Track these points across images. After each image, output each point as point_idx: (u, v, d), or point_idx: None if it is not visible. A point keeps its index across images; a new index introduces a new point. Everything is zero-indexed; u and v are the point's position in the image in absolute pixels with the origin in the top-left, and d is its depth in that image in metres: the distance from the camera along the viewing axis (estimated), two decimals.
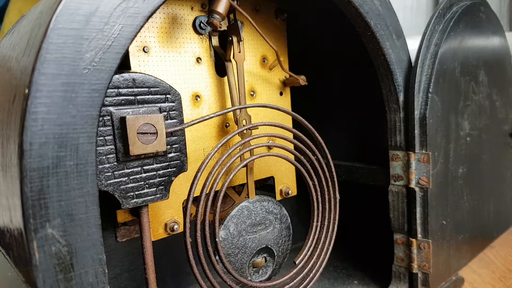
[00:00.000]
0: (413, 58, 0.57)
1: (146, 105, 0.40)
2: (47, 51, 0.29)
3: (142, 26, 0.33)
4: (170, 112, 0.42)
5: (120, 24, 0.32)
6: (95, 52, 0.31)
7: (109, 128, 0.38)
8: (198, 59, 0.50)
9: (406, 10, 1.13)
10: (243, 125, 0.51)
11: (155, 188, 0.42)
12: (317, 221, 0.52)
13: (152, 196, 0.41)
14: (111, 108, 0.38)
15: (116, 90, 0.38)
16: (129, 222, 0.55)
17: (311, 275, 0.51)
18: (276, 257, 0.53)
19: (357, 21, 0.52)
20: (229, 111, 0.46)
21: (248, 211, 0.50)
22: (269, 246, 0.52)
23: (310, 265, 0.51)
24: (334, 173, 0.53)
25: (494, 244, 0.80)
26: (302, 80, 0.58)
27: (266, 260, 0.53)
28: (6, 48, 0.41)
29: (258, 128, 0.49)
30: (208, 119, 0.43)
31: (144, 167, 0.41)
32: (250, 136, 0.49)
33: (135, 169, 0.40)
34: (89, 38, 0.31)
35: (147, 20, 0.34)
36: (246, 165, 0.51)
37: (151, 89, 0.41)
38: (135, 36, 0.33)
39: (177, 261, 0.64)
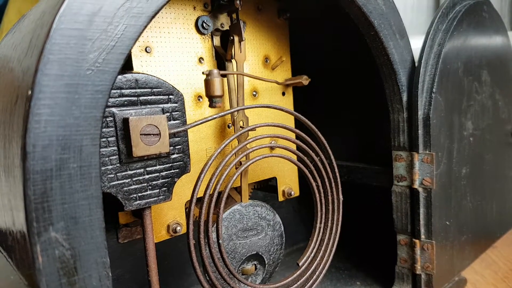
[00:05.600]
0: (415, 58, 0.56)
1: (149, 106, 0.40)
2: (50, 51, 0.29)
3: (145, 26, 0.33)
4: (173, 113, 0.42)
5: (123, 24, 0.32)
6: (98, 53, 0.31)
7: (111, 129, 0.37)
8: (201, 59, 0.50)
9: (407, 9, 1.13)
10: (240, 127, 0.51)
11: (158, 190, 0.41)
12: (321, 223, 0.52)
13: (155, 198, 0.41)
14: (113, 109, 0.37)
15: (118, 91, 0.38)
16: (131, 223, 0.55)
17: (314, 276, 0.51)
18: (266, 265, 0.52)
19: (360, 21, 0.51)
20: (233, 112, 0.45)
21: (240, 215, 0.49)
22: (260, 253, 0.51)
23: (313, 266, 0.51)
24: (337, 174, 0.52)
25: (496, 244, 0.80)
26: (304, 80, 0.57)
27: (256, 268, 0.51)
28: (7, 48, 0.40)
29: (255, 130, 0.48)
30: (211, 119, 0.43)
31: (147, 169, 0.40)
32: (247, 138, 0.48)
33: (138, 171, 0.39)
34: (93, 38, 0.30)
35: (150, 20, 0.33)
36: (246, 168, 0.50)
37: (154, 89, 0.40)
38: (139, 36, 0.33)
39: (178, 262, 0.64)
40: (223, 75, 0.47)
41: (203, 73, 0.45)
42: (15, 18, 1.19)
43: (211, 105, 0.44)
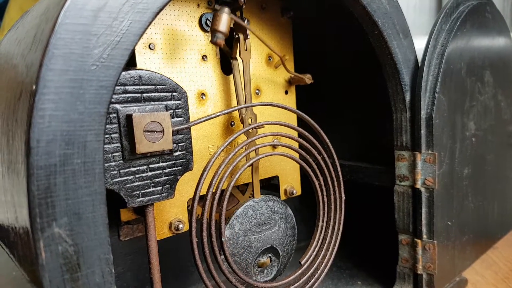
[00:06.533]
0: (419, 58, 0.56)
1: (152, 102, 0.40)
2: (55, 46, 0.29)
3: (150, 22, 0.33)
4: (177, 110, 0.41)
5: (128, 19, 0.32)
6: (103, 48, 0.30)
7: (115, 125, 0.37)
8: (204, 57, 0.50)
9: (409, 9, 1.13)
10: (249, 124, 0.51)
11: (161, 187, 0.41)
12: (323, 221, 0.52)
13: (158, 195, 0.41)
14: (117, 106, 0.37)
15: (122, 87, 0.38)
16: (132, 221, 0.55)
17: (316, 275, 0.51)
18: (281, 257, 0.53)
19: (364, 20, 0.51)
20: (236, 109, 0.45)
21: (253, 211, 0.50)
22: (274, 246, 0.52)
23: (315, 265, 0.51)
24: (339, 173, 0.52)
25: (497, 245, 0.80)
26: (307, 79, 0.57)
27: (271, 260, 0.52)
28: (11, 44, 0.40)
29: (264, 127, 0.48)
30: (214, 117, 0.43)
31: (150, 166, 0.40)
32: (255, 135, 0.48)
33: (141, 168, 0.39)
34: (98, 33, 0.30)
35: (155, 16, 0.33)
36: (251, 164, 0.50)
37: (158, 86, 0.40)
38: (144, 32, 0.32)
39: (179, 260, 0.64)
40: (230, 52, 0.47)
41: (214, 8, 0.46)
42: (17, 15, 1.19)
43: (212, 40, 0.43)
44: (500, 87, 0.70)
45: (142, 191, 0.40)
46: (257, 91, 0.56)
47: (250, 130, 0.49)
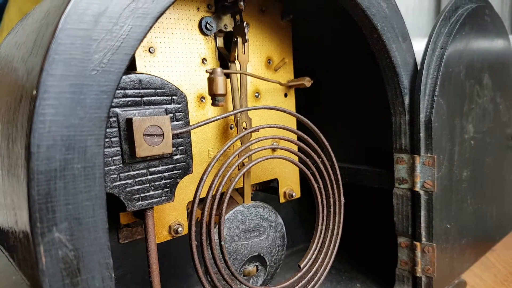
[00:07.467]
0: (418, 60, 0.56)
1: (152, 106, 0.40)
2: (55, 51, 0.29)
3: (151, 27, 0.33)
4: (176, 114, 0.42)
5: (129, 24, 0.32)
6: (103, 53, 0.31)
7: (115, 129, 0.37)
8: (204, 60, 0.50)
9: (408, 11, 1.13)
10: (243, 128, 0.51)
11: (161, 190, 0.41)
12: (322, 224, 0.52)
13: (158, 199, 0.41)
14: (117, 110, 0.37)
15: (122, 91, 0.38)
16: (131, 223, 0.55)
17: (316, 278, 0.51)
18: (268, 266, 0.52)
19: (364, 23, 0.51)
20: (236, 113, 0.45)
21: (242, 216, 0.49)
22: (262, 255, 0.51)
23: (314, 268, 0.51)
24: (339, 176, 0.52)
25: (496, 247, 0.80)
26: (307, 81, 0.57)
27: (257, 269, 0.51)
28: (11, 47, 0.40)
29: (259, 131, 0.48)
30: (214, 120, 0.43)
31: (150, 169, 0.40)
32: (250, 139, 0.48)
33: (140, 171, 0.39)
34: (98, 39, 0.30)
35: (156, 20, 0.33)
36: (249, 168, 0.50)
37: (158, 90, 0.40)
38: (144, 37, 0.33)
39: (179, 263, 0.64)
40: (227, 74, 0.47)
41: (206, 71, 0.45)
42: (16, 16, 1.19)
43: (213, 104, 0.44)
44: (498, 90, 0.70)
45: (141, 195, 0.40)
46: (257, 94, 0.56)
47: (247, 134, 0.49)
